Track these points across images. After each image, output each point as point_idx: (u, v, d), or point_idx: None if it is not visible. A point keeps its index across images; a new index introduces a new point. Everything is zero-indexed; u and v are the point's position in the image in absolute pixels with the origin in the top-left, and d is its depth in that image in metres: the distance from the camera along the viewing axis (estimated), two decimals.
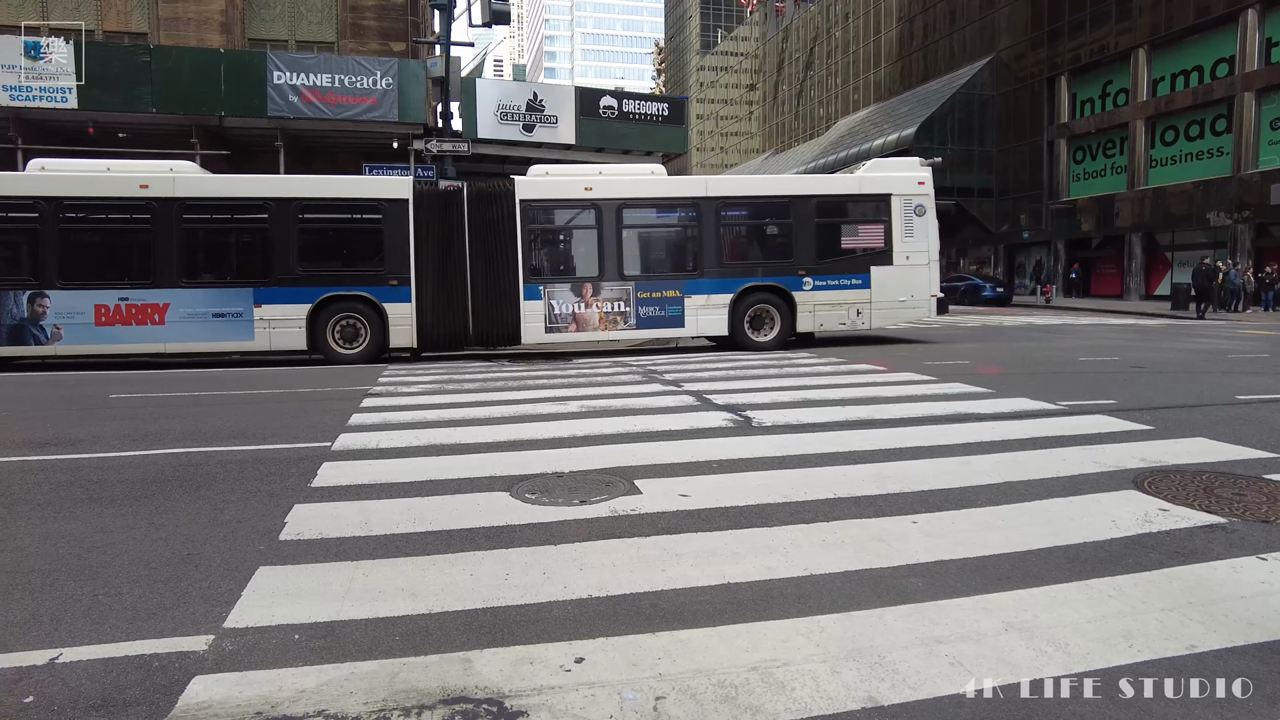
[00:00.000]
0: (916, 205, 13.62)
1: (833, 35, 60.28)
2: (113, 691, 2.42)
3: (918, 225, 13.61)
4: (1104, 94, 34.63)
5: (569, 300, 12.72)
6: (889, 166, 14.42)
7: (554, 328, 12.67)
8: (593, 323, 12.81)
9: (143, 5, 19.08)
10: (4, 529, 4.02)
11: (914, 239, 13.64)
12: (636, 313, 12.90)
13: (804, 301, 13.41)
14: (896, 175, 13.89)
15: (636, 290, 12.90)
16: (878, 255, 13.57)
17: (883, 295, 13.62)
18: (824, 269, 13.48)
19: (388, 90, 16.29)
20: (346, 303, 12.16)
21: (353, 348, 12.22)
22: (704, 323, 13.21)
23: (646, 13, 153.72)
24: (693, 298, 13.09)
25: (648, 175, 13.39)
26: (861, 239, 13.59)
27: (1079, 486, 4.63)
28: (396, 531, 3.92)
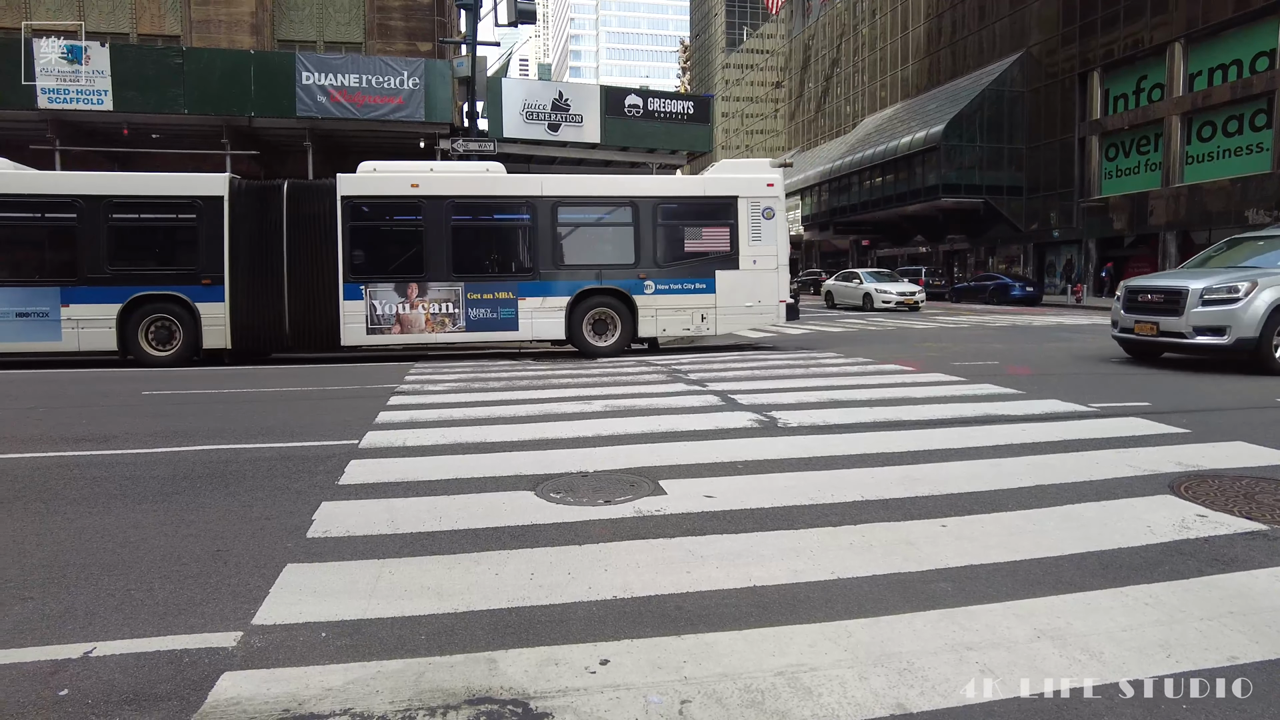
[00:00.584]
0: (765, 208, 13.17)
1: (859, 32, 59.78)
2: (144, 686, 2.46)
3: (766, 229, 13.15)
4: (1138, 89, 33.98)
5: (393, 301, 12.28)
6: (736, 168, 13.90)
7: (376, 329, 12.26)
8: (418, 324, 12.38)
9: (175, 8, 19.39)
10: (42, 523, 4.10)
11: (762, 243, 13.17)
12: (466, 314, 12.46)
13: (645, 306, 12.93)
14: (744, 177, 13.39)
15: (466, 291, 12.47)
16: (723, 259, 13.11)
17: (728, 300, 13.14)
18: (667, 272, 13.01)
19: (414, 90, 16.41)
20: (159, 303, 11.84)
21: (166, 349, 11.94)
22: (540, 326, 12.76)
23: (672, 11, 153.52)
24: (527, 300, 12.66)
25: (481, 173, 12.97)
26: (707, 242, 13.13)
27: (1112, 491, 4.54)
28: (423, 530, 3.94)
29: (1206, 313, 9.73)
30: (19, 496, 4.61)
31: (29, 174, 12.39)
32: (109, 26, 19.16)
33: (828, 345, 14.41)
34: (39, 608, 3.06)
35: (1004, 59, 41.86)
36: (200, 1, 19.23)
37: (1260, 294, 9.48)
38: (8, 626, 2.89)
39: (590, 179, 13.75)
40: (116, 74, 15.38)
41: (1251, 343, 9.42)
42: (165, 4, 19.41)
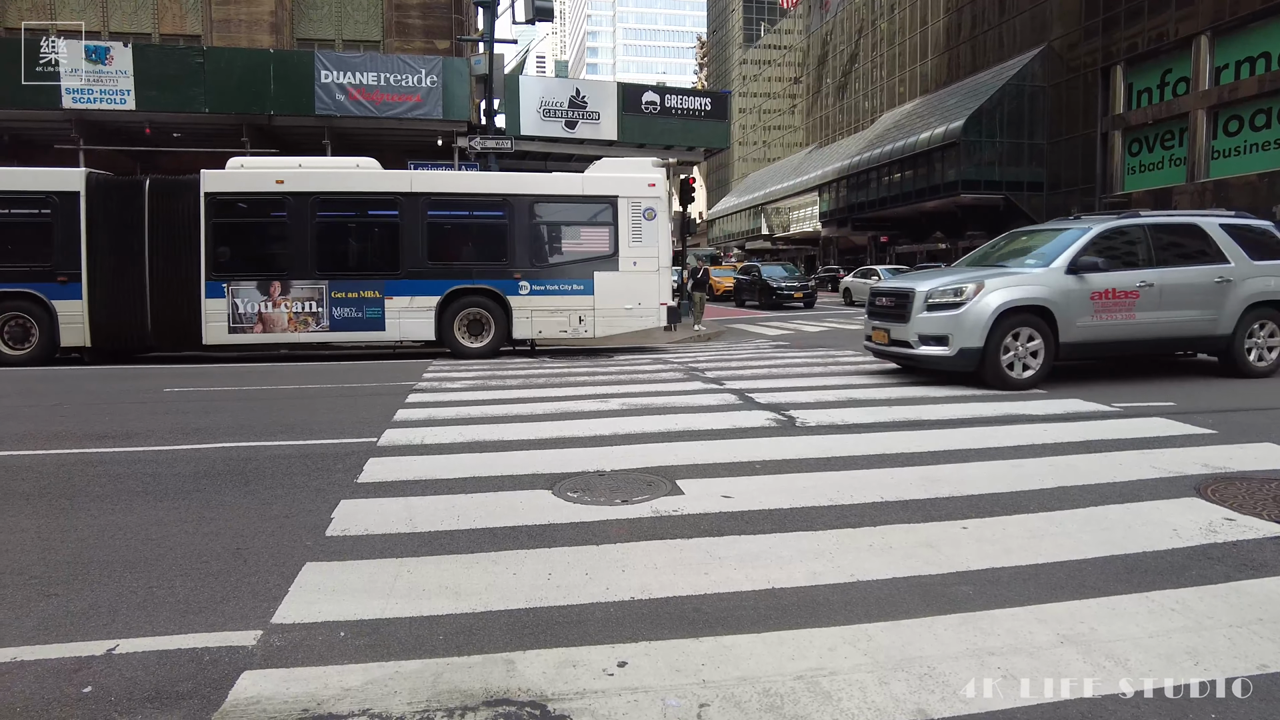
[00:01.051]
0: (646, 209, 12.81)
1: (878, 27, 59.32)
2: (166, 684, 2.47)
3: (647, 230, 12.81)
4: (1162, 83, 33.48)
5: (255, 299, 12.05)
6: (617, 167, 13.62)
7: (238, 328, 12.05)
8: (281, 323, 12.13)
9: (196, 9, 19.56)
10: (66, 519, 4.15)
11: (643, 244, 12.82)
12: (330, 314, 12.17)
13: (520, 307, 12.62)
14: (624, 177, 13.05)
15: (330, 290, 12.17)
16: (602, 260, 12.79)
17: (607, 302, 12.81)
18: (543, 273, 12.71)
19: (432, 88, 16.47)
20: (12, 301, 11.64)
21: (23, 348, 11.71)
22: (407, 326, 12.43)
23: (689, 7, 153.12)
24: (394, 299, 12.30)
25: (351, 169, 12.65)
26: (585, 243, 12.86)
27: (1136, 493, 4.47)
28: (441, 529, 3.95)
29: (930, 319, 8.41)
30: (44, 493, 4.67)
31: None
32: (132, 27, 19.37)
33: (846, 343, 14.32)
34: (63, 604, 3.09)
35: (1025, 53, 41.39)
36: (221, 1, 19.39)
37: (986, 297, 8.14)
38: (33, 623, 2.92)
39: (464, 175, 13.46)
40: (139, 74, 15.55)
41: (976, 354, 8.12)
42: (186, 4, 19.59)
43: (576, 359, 12.37)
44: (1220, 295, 8.75)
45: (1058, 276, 8.33)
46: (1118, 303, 8.45)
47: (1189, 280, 8.74)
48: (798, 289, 27.45)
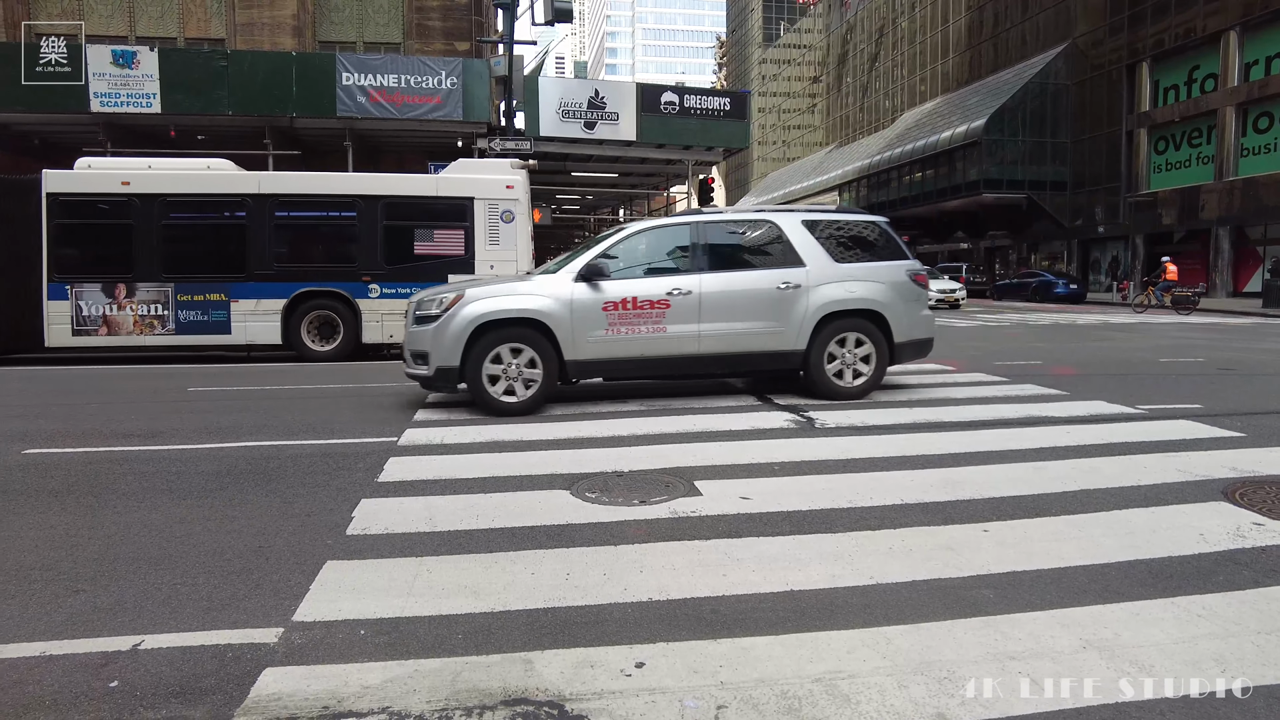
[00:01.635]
0: (504, 211, 12.50)
1: (899, 25, 58.91)
2: (190, 680, 2.51)
3: (505, 232, 12.51)
4: (1190, 80, 32.99)
5: (100, 302, 11.85)
6: (474, 168, 13.25)
7: (82, 330, 11.86)
8: (126, 326, 11.92)
9: (220, 13, 19.81)
10: (94, 517, 4.22)
11: (500, 247, 12.51)
12: (176, 316, 11.96)
13: (371, 310, 12.29)
14: (481, 178, 12.73)
15: (176, 292, 11.93)
16: (457, 263, 12.41)
17: None
18: (395, 276, 12.32)
19: (452, 90, 16.57)
20: None
21: None
22: (254, 329, 12.15)
23: (708, 7, 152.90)
24: (240, 302, 12.04)
25: (201, 170, 12.41)
26: (439, 245, 12.45)
27: (1162, 496, 4.41)
28: (460, 528, 3.97)
29: (415, 333, 7.43)
30: (72, 490, 4.75)
31: None
32: (158, 31, 19.65)
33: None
34: (90, 600, 3.14)
35: (1048, 51, 40.92)
36: (244, 5, 19.62)
37: (465, 308, 7.11)
38: (61, 618, 2.98)
39: (315, 176, 13.15)
40: (164, 77, 15.78)
41: (453, 374, 7.10)
42: (211, 8, 19.85)
43: None
44: (787, 304, 7.56)
45: (563, 284, 7.30)
46: (642, 314, 7.31)
47: (741, 287, 7.57)
48: None
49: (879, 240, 8.17)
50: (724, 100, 19.70)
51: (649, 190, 26.62)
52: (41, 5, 19.21)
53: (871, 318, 7.76)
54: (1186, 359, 11.02)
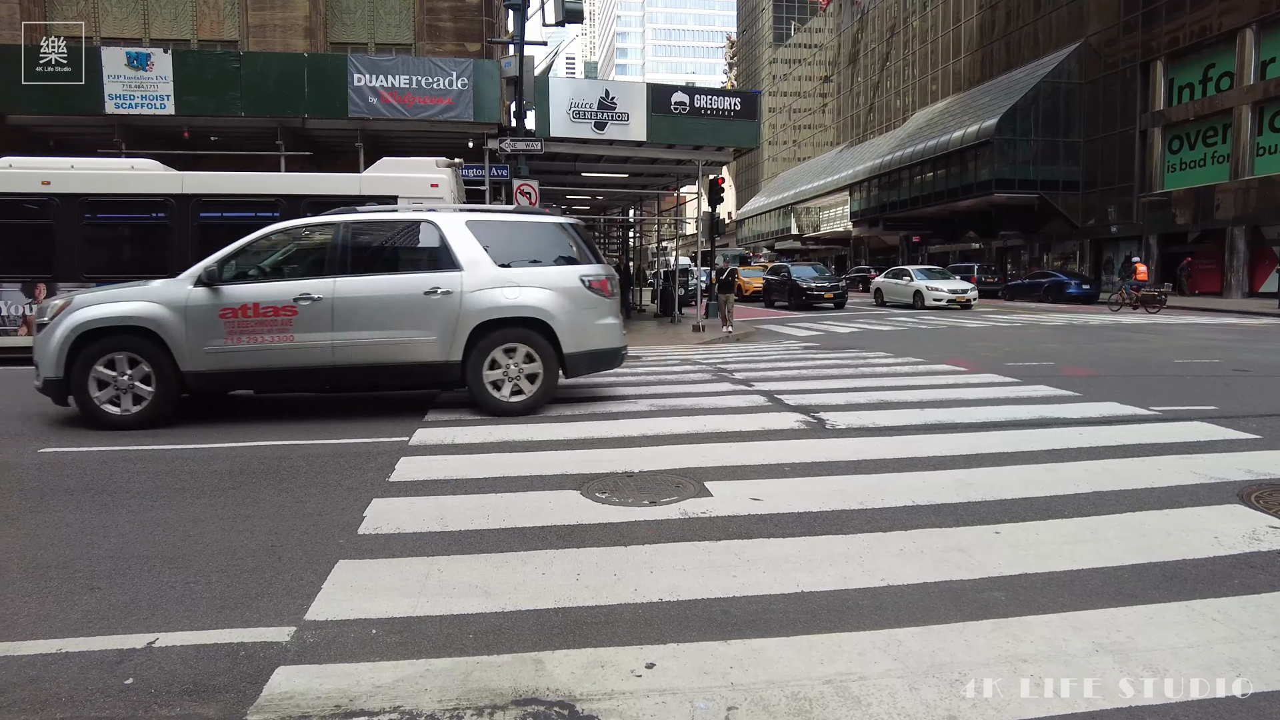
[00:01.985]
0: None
1: (910, 25, 58.67)
2: (203, 678, 2.53)
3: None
4: (1205, 78, 32.68)
5: (19, 302, 11.79)
6: (399, 167, 12.99)
7: (1, 330, 11.81)
8: None
9: (234, 14, 19.92)
10: (109, 515, 4.26)
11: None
12: None
13: None
14: (405, 177, 12.43)
15: None
16: None
17: None
18: None
19: (463, 90, 16.60)
20: None
21: None
22: None
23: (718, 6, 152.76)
24: None
25: (125, 170, 12.14)
26: None
27: (1176, 498, 4.38)
28: (471, 528, 3.98)
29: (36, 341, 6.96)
30: (87, 489, 4.80)
31: None
32: (172, 33, 19.77)
33: (877, 344, 14.19)
34: (106, 598, 3.17)
35: (1061, 50, 40.65)
36: (257, 7, 19.71)
37: (68, 317, 6.62)
38: (77, 615, 3.01)
39: (239, 176, 12.97)
40: (178, 79, 15.87)
41: (59, 385, 6.59)
42: (224, 10, 19.96)
43: None
44: (439, 312, 6.99)
45: (179, 289, 6.78)
46: (265, 322, 6.76)
47: (383, 293, 6.99)
48: (828, 289, 27.20)
49: (558, 243, 7.61)
50: (734, 100, 19.65)
51: (659, 191, 26.60)
52: (57, 8, 19.38)
53: (537, 327, 7.18)
54: (1202, 360, 10.93)
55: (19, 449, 5.85)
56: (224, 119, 16.48)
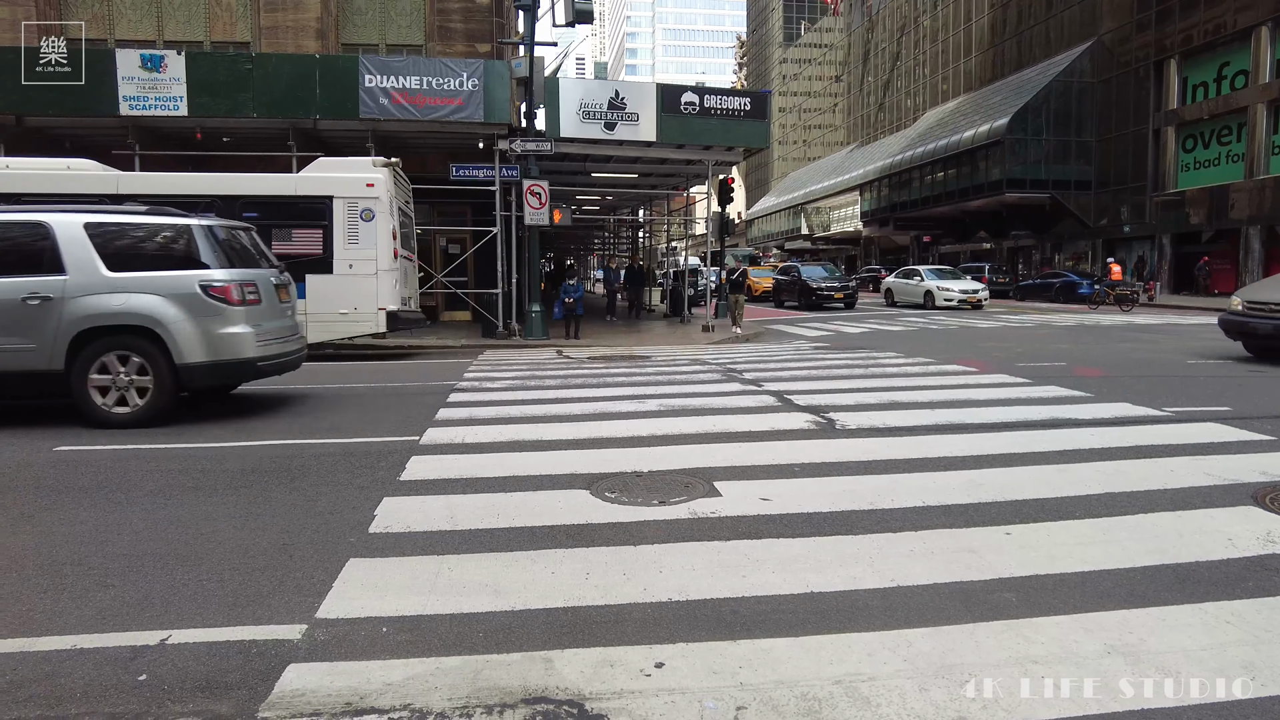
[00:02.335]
0: (364, 210, 12.22)
1: (921, 24, 58.43)
2: (215, 674, 2.55)
3: (365, 231, 12.22)
4: (1219, 77, 32.40)
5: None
6: (334, 166, 12.90)
7: None
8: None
9: (246, 16, 20.04)
10: (122, 513, 4.29)
11: (360, 246, 12.22)
12: None
13: None
14: (340, 176, 12.46)
15: None
16: (315, 263, 12.13)
17: (320, 306, 12.09)
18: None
19: (474, 91, 16.63)
20: None
21: None
22: None
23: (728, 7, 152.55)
24: None
25: (61, 171, 11.95)
26: (297, 245, 12.20)
27: (1189, 500, 4.35)
28: (481, 526, 4.00)
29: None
30: (101, 487, 4.84)
31: None
32: (185, 35, 19.91)
33: (887, 344, 14.14)
34: (119, 595, 3.20)
35: (1073, 49, 40.40)
36: (269, 8, 19.83)
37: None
38: (92, 612, 3.03)
39: (175, 176, 12.92)
40: (191, 80, 15.97)
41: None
42: (236, 12, 20.08)
43: (614, 361, 12.41)
44: (38, 319, 6.66)
45: None
46: None
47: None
48: (838, 289, 27.14)
49: (191, 246, 7.14)
50: (744, 100, 19.62)
51: (669, 191, 26.58)
52: (73, 11, 19.55)
53: (146, 335, 6.81)
54: (1214, 360, 10.85)
55: (35, 447, 5.91)
56: (236, 120, 16.57)
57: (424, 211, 21.18)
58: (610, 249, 42.86)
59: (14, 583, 3.33)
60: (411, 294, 14.11)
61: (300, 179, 12.70)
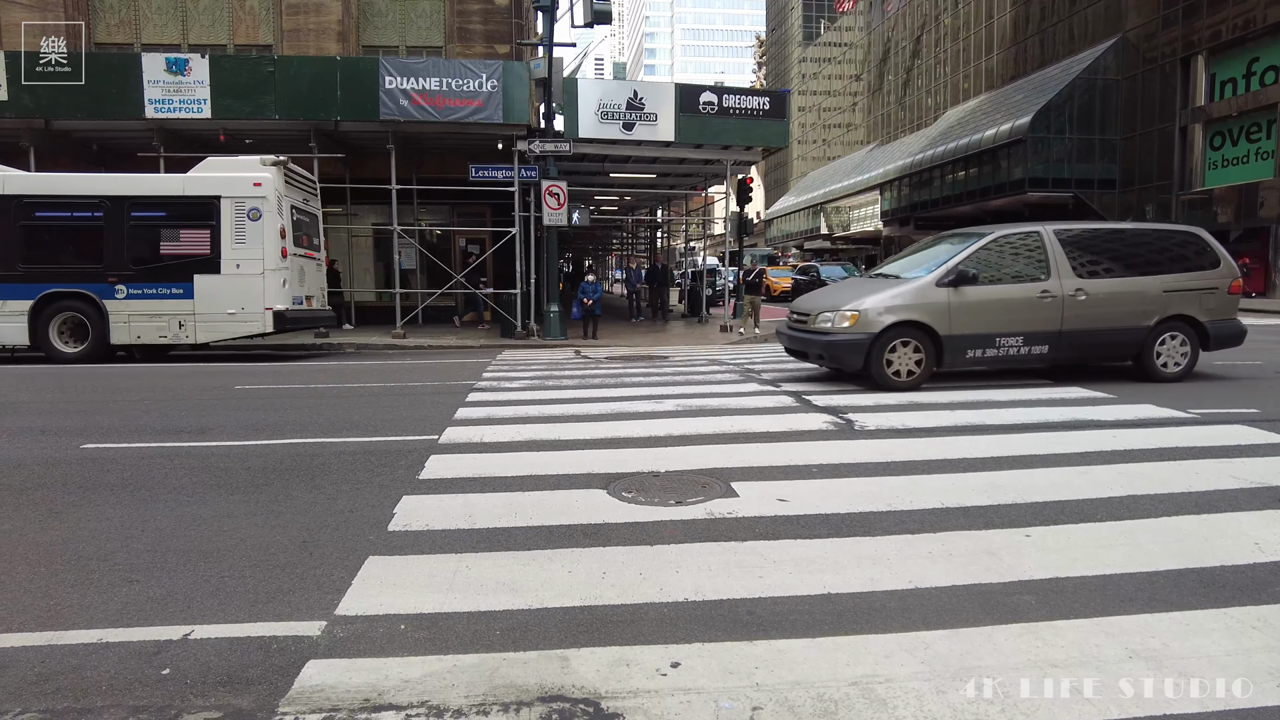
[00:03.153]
0: (251, 209, 12.27)
1: (941, 22, 57.96)
2: (237, 669, 2.58)
3: (251, 231, 12.27)
4: (1248, 73, 31.84)
5: None
6: (223, 166, 12.93)
7: None
8: None
9: (268, 19, 20.27)
10: (146, 510, 4.36)
11: (246, 246, 12.26)
12: None
13: (117, 311, 12.21)
14: (228, 176, 12.53)
15: None
16: (203, 263, 12.25)
17: (208, 306, 12.31)
18: (141, 276, 12.19)
19: (493, 92, 16.71)
20: None
21: None
22: (2, 330, 12.15)
23: (747, 6, 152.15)
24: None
25: None
26: (185, 245, 12.28)
27: (1214, 503, 4.28)
28: (498, 525, 4.02)
29: None
30: (126, 484, 4.92)
31: None
32: (209, 39, 20.19)
33: None
34: (144, 590, 3.25)
35: (1097, 45, 39.88)
36: (291, 12, 20.04)
37: None
38: (117, 606, 3.09)
39: (63, 177, 12.99)
40: (215, 83, 16.19)
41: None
42: (259, 15, 20.32)
43: (632, 361, 12.42)
44: None
45: None
46: None
47: None
48: None
49: None
50: (763, 99, 19.56)
51: (687, 190, 26.57)
52: (101, 16, 19.87)
53: None
54: (1244, 362, 10.67)
55: (63, 445, 6.01)
56: (258, 122, 16.76)
57: (443, 212, 21.35)
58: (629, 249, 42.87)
59: (43, 577, 3.39)
60: (312, 293, 14.09)
61: (188, 179, 12.74)
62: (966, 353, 8.49)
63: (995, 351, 8.53)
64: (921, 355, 8.38)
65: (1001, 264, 8.76)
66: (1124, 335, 8.73)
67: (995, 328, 8.48)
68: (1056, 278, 8.57)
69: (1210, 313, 8.91)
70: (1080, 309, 8.55)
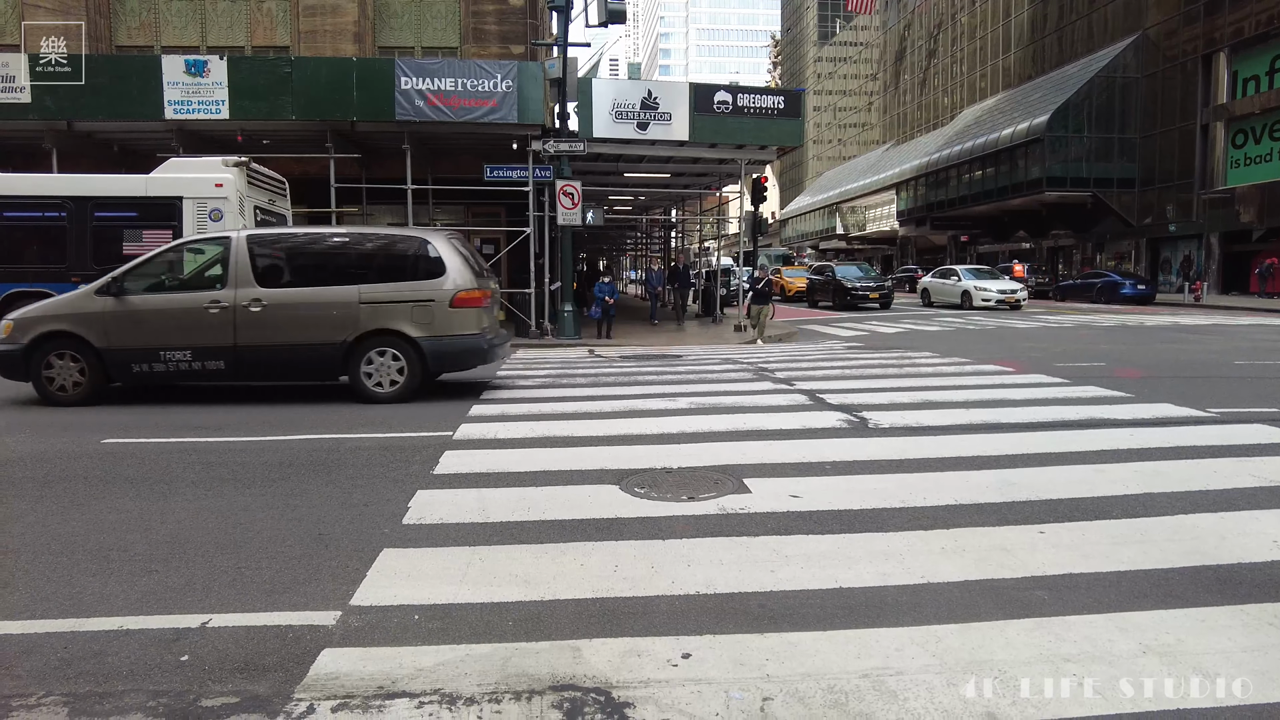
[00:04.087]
0: (213, 210, 12.16)
1: (958, 20, 57.60)
2: (254, 657, 2.62)
3: (213, 231, 12.00)
4: (1272, 70, 31.42)
5: None
6: (185, 167, 12.83)
7: None
8: None
9: (285, 21, 20.45)
10: (165, 503, 4.42)
11: None
12: None
13: None
14: (190, 177, 12.43)
15: None
16: None
17: None
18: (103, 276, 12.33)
19: (508, 92, 16.75)
20: None
21: None
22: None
23: (762, 6, 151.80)
24: None
25: None
26: (148, 245, 11.92)
27: (1232, 502, 4.24)
28: (512, 519, 4.05)
29: None
30: (145, 478, 4.99)
31: None
32: (227, 41, 20.38)
33: (923, 344, 13.97)
34: (163, 580, 3.30)
35: (1117, 43, 39.50)
36: (308, 13, 20.20)
37: None
38: (136, 595, 3.14)
39: (26, 178, 12.98)
40: (232, 85, 16.33)
41: None
42: (276, 18, 20.50)
43: (646, 360, 12.44)
44: None
45: None
46: None
47: None
48: (873, 289, 26.83)
49: None
50: (778, 99, 19.49)
51: (701, 190, 26.53)
52: (122, 19, 20.12)
53: None
54: (1264, 362, 10.54)
55: (84, 439, 6.10)
56: (276, 123, 16.90)
57: (458, 212, 21.43)
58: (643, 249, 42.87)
59: (65, 566, 3.45)
60: None
61: (150, 180, 12.79)
62: (131, 367, 7.84)
63: (163, 366, 7.81)
64: (83, 365, 7.79)
65: (181, 272, 8.30)
66: (314, 351, 7.85)
67: (158, 341, 7.77)
68: (233, 287, 7.77)
69: (426, 328, 7.87)
70: (257, 321, 7.71)
